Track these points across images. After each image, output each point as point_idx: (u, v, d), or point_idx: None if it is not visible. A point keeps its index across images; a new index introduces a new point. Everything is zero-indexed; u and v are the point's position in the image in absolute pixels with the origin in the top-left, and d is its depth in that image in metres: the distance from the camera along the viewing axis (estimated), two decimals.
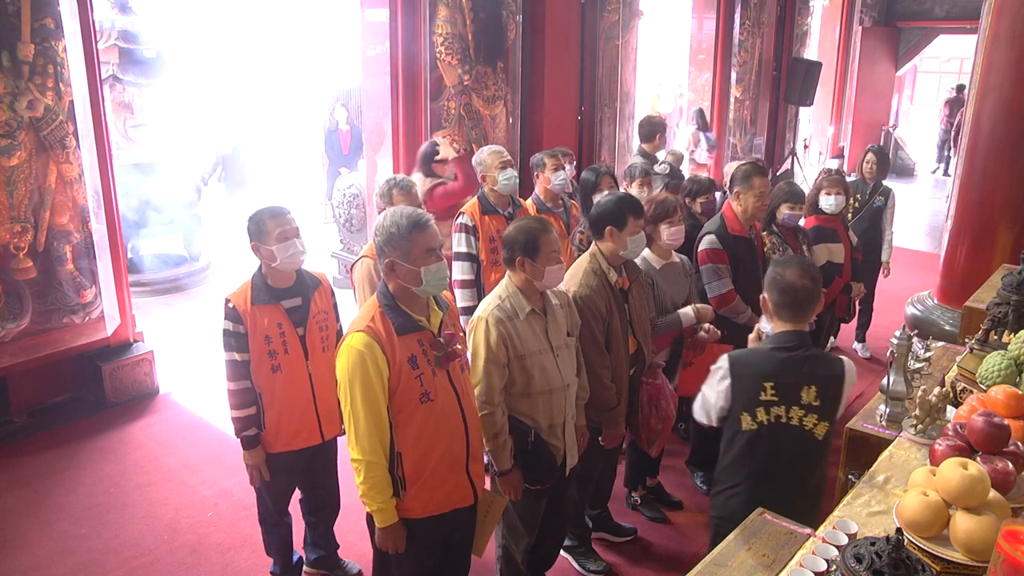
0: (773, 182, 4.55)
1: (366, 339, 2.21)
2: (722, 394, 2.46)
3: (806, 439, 2.38)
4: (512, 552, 2.89)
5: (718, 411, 2.49)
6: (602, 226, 3.03)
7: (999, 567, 1.47)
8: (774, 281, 2.43)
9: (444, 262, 2.32)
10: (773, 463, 2.40)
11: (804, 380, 2.37)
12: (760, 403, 2.38)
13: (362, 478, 2.27)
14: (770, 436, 2.39)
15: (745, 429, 2.41)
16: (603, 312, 2.97)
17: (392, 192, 3.57)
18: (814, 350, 2.43)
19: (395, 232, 2.26)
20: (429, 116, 5.90)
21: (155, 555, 3.48)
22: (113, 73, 6.75)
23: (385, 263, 2.29)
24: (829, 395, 2.37)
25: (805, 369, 2.38)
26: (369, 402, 2.22)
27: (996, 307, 3.02)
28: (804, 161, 11.33)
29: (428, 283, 2.28)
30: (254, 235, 2.84)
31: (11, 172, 4.20)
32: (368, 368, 2.20)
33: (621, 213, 3.00)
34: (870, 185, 5.49)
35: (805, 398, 2.37)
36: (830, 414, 2.39)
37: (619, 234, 3.01)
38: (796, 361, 2.38)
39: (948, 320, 5.54)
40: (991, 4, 5.20)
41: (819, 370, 2.38)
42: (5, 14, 4.06)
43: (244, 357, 2.83)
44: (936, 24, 12.49)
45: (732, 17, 9.13)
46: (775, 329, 2.46)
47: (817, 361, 2.40)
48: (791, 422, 2.38)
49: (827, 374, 2.39)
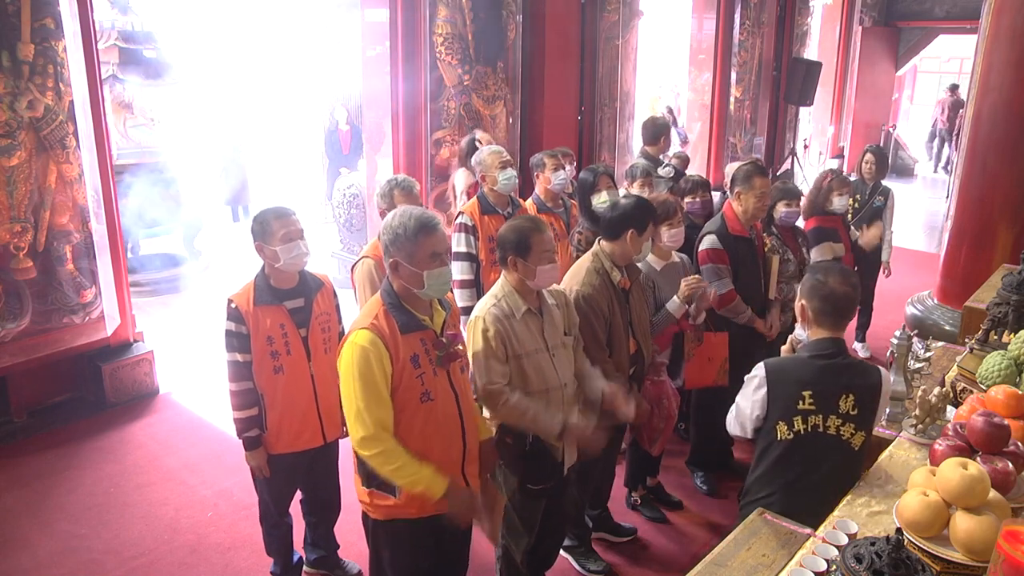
0: (772, 182, 4.56)
1: (370, 336, 2.20)
2: (758, 403, 2.39)
3: (843, 449, 2.31)
4: (512, 552, 2.89)
5: (754, 421, 2.42)
6: (623, 228, 2.99)
7: (999, 567, 1.47)
8: (815, 289, 2.37)
9: (448, 267, 2.31)
10: (809, 473, 2.32)
11: (843, 389, 2.31)
12: (798, 412, 2.32)
13: (394, 466, 2.21)
14: (807, 446, 2.32)
15: (781, 439, 2.34)
16: (605, 311, 2.98)
17: (393, 192, 3.57)
18: (851, 359, 2.37)
19: (401, 233, 2.24)
20: (429, 116, 5.90)
21: (155, 555, 3.48)
22: (113, 73, 6.75)
23: (389, 263, 2.28)
24: (866, 404, 2.31)
25: (843, 378, 2.32)
26: (375, 395, 2.20)
27: (996, 307, 3.02)
28: (804, 161, 11.33)
29: (430, 287, 2.27)
30: (258, 235, 2.83)
31: (11, 172, 4.20)
32: (372, 364, 2.19)
33: (644, 218, 3.01)
34: (869, 185, 5.50)
35: (843, 407, 2.30)
36: (867, 424, 2.33)
37: (638, 238, 3.01)
38: (835, 369, 2.33)
39: (948, 320, 5.54)
40: (991, 4, 5.20)
41: (857, 379, 2.33)
42: (5, 14, 4.06)
43: (246, 358, 2.83)
44: (936, 24, 12.48)
45: (732, 17, 9.12)
46: (812, 336, 2.40)
47: (855, 369, 2.35)
48: (828, 431, 2.31)
49: (864, 383, 2.32)
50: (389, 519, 2.39)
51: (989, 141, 5.32)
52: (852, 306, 2.38)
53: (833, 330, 2.38)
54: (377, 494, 2.35)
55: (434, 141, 6.05)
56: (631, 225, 2.99)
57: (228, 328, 2.82)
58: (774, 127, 10.52)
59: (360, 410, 2.20)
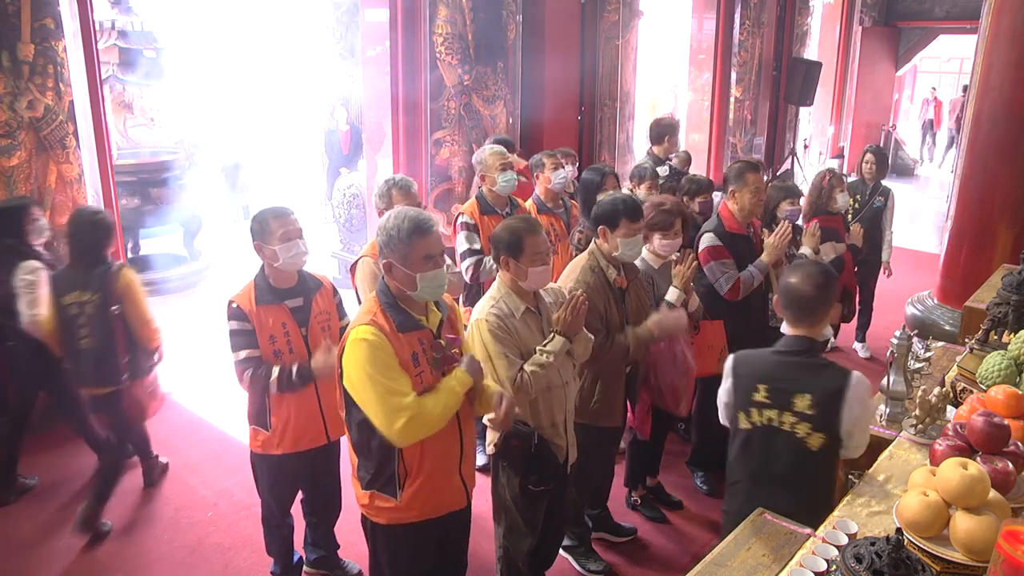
0: (770, 181, 4.57)
1: (372, 330, 2.18)
2: (726, 392, 2.49)
3: (798, 448, 2.31)
4: (512, 553, 2.89)
5: (725, 409, 2.51)
6: (596, 225, 3.07)
7: (999, 567, 1.47)
8: (782, 284, 2.44)
9: (442, 270, 2.28)
10: (767, 466, 2.38)
11: (799, 387, 2.31)
12: (753, 404, 2.37)
13: (431, 419, 2.18)
14: (763, 438, 2.37)
15: (741, 428, 2.42)
16: (600, 309, 2.98)
17: (391, 192, 3.57)
18: (818, 359, 2.36)
19: (395, 235, 2.22)
20: (429, 116, 5.90)
21: (155, 555, 3.48)
22: (113, 73, 6.75)
23: (383, 263, 2.27)
24: (826, 407, 2.27)
25: (802, 377, 2.32)
26: (390, 376, 2.15)
27: (996, 307, 3.02)
28: (804, 161, 11.33)
29: (423, 289, 2.25)
30: (257, 235, 2.84)
31: (11, 172, 4.20)
32: (379, 353, 2.15)
33: (615, 215, 3.01)
34: (869, 186, 5.50)
35: (799, 405, 2.30)
36: (826, 427, 2.28)
37: (610, 235, 3.02)
38: (792, 366, 2.34)
39: (948, 320, 5.54)
40: (991, 4, 5.20)
41: (819, 380, 2.31)
42: (5, 14, 4.06)
43: (255, 352, 2.81)
44: (936, 24, 12.49)
45: (732, 17, 9.13)
46: (788, 332, 2.43)
47: (820, 371, 2.33)
48: (783, 427, 2.34)
49: (825, 386, 2.30)
50: (390, 523, 2.37)
51: (989, 141, 5.32)
52: (811, 306, 2.34)
53: (799, 327, 2.38)
54: (379, 496, 2.34)
55: (434, 141, 6.05)
56: (601, 221, 3.03)
57: (232, 328, 2.82)
58: (774, 127, 10.53)
59: (390, 409, 2.13)
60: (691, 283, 3.34)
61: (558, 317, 2.60)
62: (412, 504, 2.33)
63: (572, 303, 2.59)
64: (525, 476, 2.69)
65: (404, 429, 2.14)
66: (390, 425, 2.14)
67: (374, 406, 2.16)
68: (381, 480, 2.31)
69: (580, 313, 2.60)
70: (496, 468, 2.80)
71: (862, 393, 2.28)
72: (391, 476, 2.30)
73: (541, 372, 2.57)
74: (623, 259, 3.08)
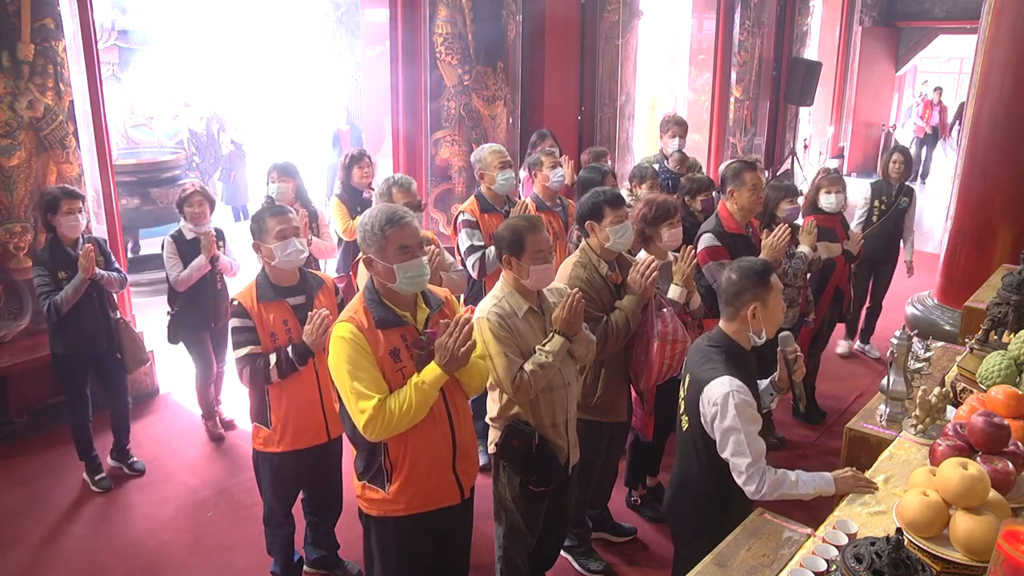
0: (769, 181, 4.54)
1: (350, 327, 2.24)
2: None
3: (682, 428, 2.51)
4: (512, 553, 2.88)
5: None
6: (583, 223, 3.10)
7: (999, 567, 1.47)
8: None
9: (421, 260, 2.30)
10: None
11: (687, 369, 2.49)
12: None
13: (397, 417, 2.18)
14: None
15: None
16: (597, 302, 2.98)
17: (392, 190, 3.59)
18: (720, 355, 2.37)
19: (370, 229, 2.27)
20: (429, 116, 5.90)
21: (155, 555, 3.48)
22: (113, 73, 6.76)
23: (364, 259, 2.32)
24: (693, 394, 2.39)
25: (695, 359, 2.44)
26: (358, 376, 2.19)
27: (996, 307, 3.02)
28: (804, 161, 11.33)
29: (402, 280, 2.27)
30: (255, 234, 2.89)
31: (11, 172, 4.20)
32: (353, 351, 2.21)
33: (597, 207, 3.04)
34: (895, 186, 5.36)
35: (683, 386, 2.50)
36: (690, 411, 2.42)
37: (599, 228, 3.04)
38: (696, 350, 2.48)
39: (948, 320, 5.54)
40: (991, 4, 5.20)
41: (702, 368, 2.38)
42: (5, 14, 4.06)
43: (256, 349, 2.82)
44: (936, 24, 12.49)
45: (732, 17, 9.13)
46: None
47: (708, 359, 2.38)
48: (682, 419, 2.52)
49: (699, 376, 2.37)
50: (381, 515, 2.39)
51: (989, 141, 5.32)
52: (725, 297, 2.41)
53: (721, 318, 2.47)
54: (370, 487, 2.37)
55: (434, 141, 6.05)
56: (588, 217, 3.07)
57: (234, 325, 2.83)
58: (774, 127, 10.53)
59: (349, 396, 2.20)
60: (692, 280, 3.34)
61: (556, 316, 2.61)
62: (399, 497, 2.34)
63: (569, 301, 2.59)
64: (526, 476, 2.69)
65: (367, 428, 2.20)
66: (357, 423, 2.23)
67: (345, 403, 2.26)
68: (371, 472, 2.35)
69: (578, 311, 2.61)
70: (497, 468, 2.80)
71: (716, 396, 2.27)
72: (379, 468, 2.34)
73: (541, 372, 2.57)
74: (616, 248, 3.08)
